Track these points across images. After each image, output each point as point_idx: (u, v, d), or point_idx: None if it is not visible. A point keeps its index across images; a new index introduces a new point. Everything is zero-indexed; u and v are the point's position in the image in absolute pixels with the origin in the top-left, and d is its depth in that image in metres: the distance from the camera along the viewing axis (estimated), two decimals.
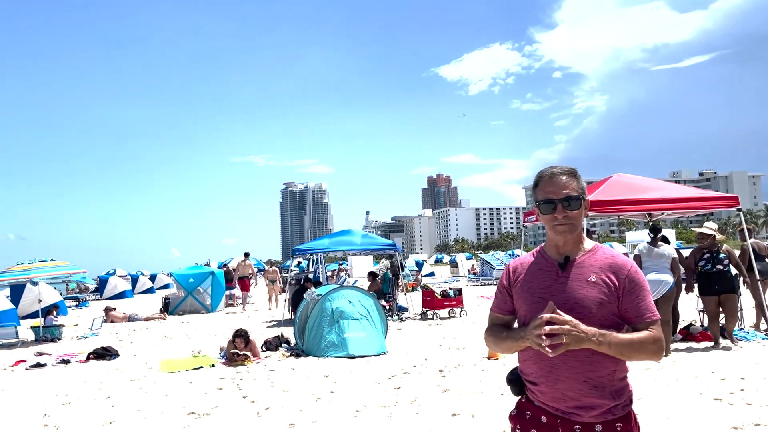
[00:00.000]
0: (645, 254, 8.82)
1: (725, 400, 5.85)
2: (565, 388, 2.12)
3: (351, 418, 5.93)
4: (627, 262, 2.19)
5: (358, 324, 9.96)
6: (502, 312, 2.35)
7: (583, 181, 2.28)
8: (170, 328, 15.36)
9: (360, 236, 16.41)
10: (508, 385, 2.34)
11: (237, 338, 9.51)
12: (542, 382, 2.17)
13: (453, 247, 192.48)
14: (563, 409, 2.14)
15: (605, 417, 2.11)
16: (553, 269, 2.22)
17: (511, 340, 2.20)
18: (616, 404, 2.12)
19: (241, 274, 20.99)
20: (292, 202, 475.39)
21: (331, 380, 7.81)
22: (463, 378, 7.54)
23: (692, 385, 6.54)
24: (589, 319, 2.07)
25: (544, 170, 2.28)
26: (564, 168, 2.26)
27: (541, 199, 2.23)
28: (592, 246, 2.26)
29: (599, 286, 2.13)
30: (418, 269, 36.76)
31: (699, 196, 10.45)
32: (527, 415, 2.25)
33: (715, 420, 5.25)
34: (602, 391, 2.11)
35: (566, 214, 2.18)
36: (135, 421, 6.22)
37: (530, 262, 2.31)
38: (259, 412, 6.35)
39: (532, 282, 2.24)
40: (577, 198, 2.20)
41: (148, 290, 35.97)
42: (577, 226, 2.22)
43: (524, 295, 2.24)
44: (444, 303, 14.90)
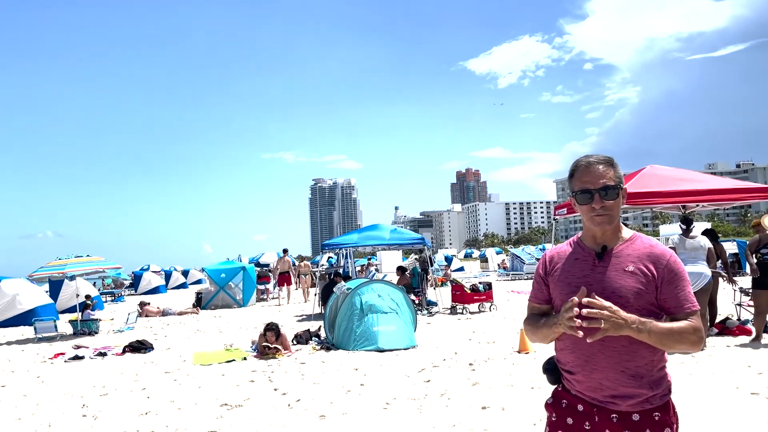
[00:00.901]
0: (679, 246, 8.65)
1: (762, 395, 5.73)
2: (601, 377, 2.11)
3: (381, 411, 5.96)
4: (666, 251, 2.16)
5: (388, 318, 10.00)
6: (539, 302, 2.35)
7: (620, 170, 2.24)
8: (203, 323, 15.62)
9: (389, 231, 16.44)
10: (544, 374, 2.34)
11: (268, 332, 9.63)
12: (579, 371, 2.17)
13: (482, 241, 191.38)
14: (600, 398, 2.13)
15: (643, 406, 2.09)
16: (590, 259, 2.20)
17: (546, 328, 2.19)
18: (654, 394, 2.11)
19: (282, 270, 21.49)
20: (321, 198, 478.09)
21: (361, 373, 7.86)
22: (493, 371, 7.51)
23: (728, 380, 6.41)
24: (627, 309, 2.05)
25: (580, 159, 2.26)
26: (601, 157, 2.23)
27: (577, 189, 2.21)
28: (631, 235, 2.23)
29: (637, 276, 2.10)
30: (448, 264, 36.65)
31: (734, 187, 10.19)
32: (563, 403, 2.25)
33: (751, 414, 5.14)
34: (640, 380, 2.09)
35: (604, 204, 2.16)
36: (169, 411, 6.35)
37: (567, 252, 2.30)
38: (290, 404, 6.43)
39: (569, 271, 2.23)
40: (615, 187, 2.17)
41: (181, 285, 36.60)
42: (615, 216, 2.19)
43: (561, 285, 2.23)
44: (474, 297, 14.85)
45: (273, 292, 23.95)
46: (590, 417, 2.15)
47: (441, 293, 17.49)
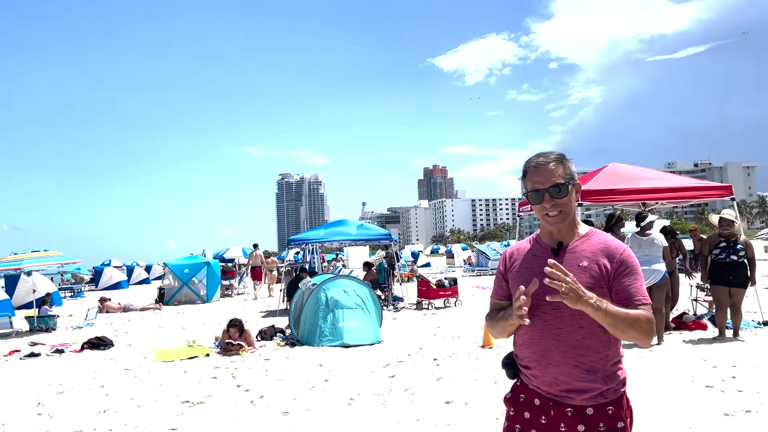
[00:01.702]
0: (634, 243, 8.83)
1: (717, 388, 5.89)
2: (557, 372, 2.14)
3: (345, 406, 5.95)
4: (620, 246, 2.19)
5: (353, 313, 9.98)
6: (499, 298, 2.38)
7: (572, 166, 2.25)
8: (165, 318, 15.37)
9: (355, 226, 16.40)
10: (503, 369, 2.36)
11: (232, 328, 9.52)
12: (535, 366, 2.19)
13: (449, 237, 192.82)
14: (555, 392, 2.16)
15: (597, 400, 2.12)
16: (546, 254, 2.22)
17: (503, 321, 2.22)
18: (608, 388, 2.13)
19: (253, 264, 21.44)
20: (288, 193, 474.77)
21: (326, 369, 7.83)
22: (457, 366, 7.57)
23: (684, 373, 6.58)
24: None
25: (530, 159, 2.28)
26: (550, 155, 2.24)
27: (529, 190, 2.23)
28: (587, 231, 2.26)
29: (591, 271, 2.13)
30: (414, 260, 36.79)
31: (692, 185, 10.47)
32: (521, 398, 2.27)
33: (706, 407, 5.28)
34: (594, 375, 2.12)
35: (554, 203, 2.18)
36: (129, 409, 6.22)
37: (526, 248, 2.33)
38: (254, 400, 6.36)
39: (527, 267, 2.25)
40: (565, 185, 2.18)
41: (144, 281, 35.97)
42: (568, 214, 2.21)
43: (518, 281, 2.25)
44: (439, 293, 14.93)
45: (237, 287, 23.72)
46: (546, 411, 2.18)
47: (407, 289, 17.54)
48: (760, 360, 7.00)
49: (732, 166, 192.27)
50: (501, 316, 2.24)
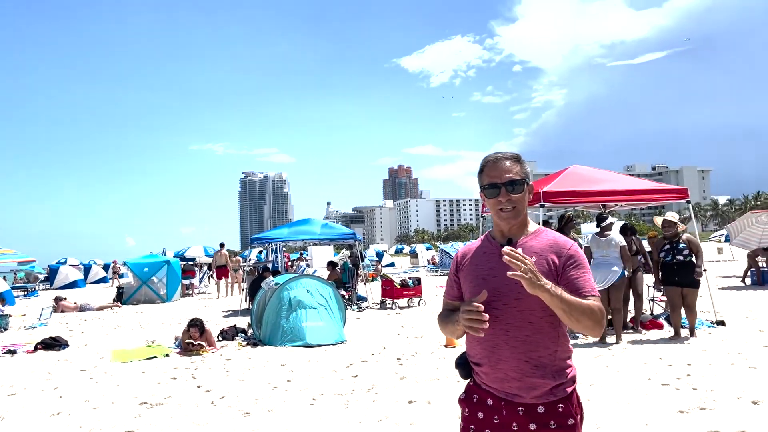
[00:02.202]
0: (593, 244, 8.99)
1: (672, 386, 6.03)
2: (507, 368, 2.15)
3: (307, 407, 5.90)
4: (568, 242, 2.24)
5: (316, 313, 9.91)
6: (451, 298, 2.40)
7: (527, 166, 2.31)
8: (123, 318, 15.03)
9: (320, 226, 16.32)
10: (456, 369, 2.36)
11: (192, 327, 9.36)
12: (485, 362, 2.21)
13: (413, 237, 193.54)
14: (506, 390, 2.17)
15: (547, 398, 2.14)
16: (497, 251, 2.23)
17: (451, 324, 2.24)
18: (557, 384, 2.15)
19: (218, 263, 21.36)
20: (251, 192, 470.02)
21: (288, 369, 7.76)
22: (420, 366, 7.58)
23: (641, 371, 6.72)
24: (528, 298, 2.10)
25: (488, 156, 2.32)
26: (508, 153, 2.30)
27: (485, 184, 2.26)
28: (536, 229, 2.30)
29: (540, 267, 2.14)
30: (379, 259, 36.85)
31: (650, 188, 10.70)
32: (475, 398, 2.28)
33: (662, 404, 5.40)
34: (543, 370, 2.14)
35: (509, 198, 2.22)
36: (83, 411, 6.05)
37: (477, 247, 2.36)
38: (214, 401, 6.26)
39: (477, 264, 2.28)
40: (521, 182, 2.23)
41: (101, 280, 35.13)
42: (521, 210, 2.25)
43: (468, 278, 2.29)
44: (403, 292, 14.96)
45: (198, 287, 23.37)
46: (498, 411, 2.20)
47: (371, 288, 17.53)
48: (713, 359, 7.19)
49: (687, 169, 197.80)
50: (451, 320, 2.26)
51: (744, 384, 5.93)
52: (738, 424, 4.76)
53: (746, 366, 6.71)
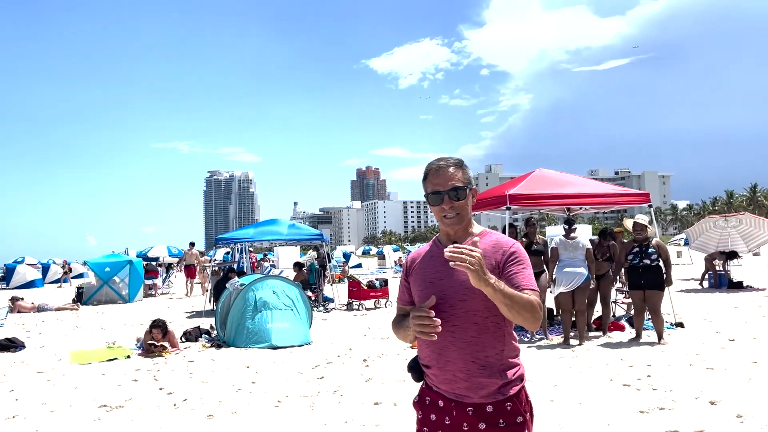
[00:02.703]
0: (561, 247, 9.10)
1: (633, 386, 6.14)
2: (454, 369, 2.18)
3: (272, 409, 5.84)
4: (510, 241, 2.28)
5: (282, 314, 9.83)
6: (404, 303, 2.42)
7: (469, 172, 2.34)
8: (83, 319, 14.67)
9: (286, 226, 16.20)
10: (408, 372, 2.38)
11: (154, 329, 9.18)
12: (434, 365, 2.24)
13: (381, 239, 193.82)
14: (455, 391, 2.20)
15: (495, 397, 2.16)
16: (443, 254, 2.24)
17: (404, 329, 2.27)
18: (504, 383, 2.18)
19: (187, 263, 21.40)
20: (216, 191, 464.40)
21: (253, 371, 7.67)
22: (386, 367, 7.57)
23: (603, 372, 6.83)
24: (473, 299, 2.15)
25: (431, 163, 2.33)
26: (450, 160, 2.31)
27: (429, 191, 2.29)
28: (480, 231, 2.34)
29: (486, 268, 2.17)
30: (346, 261, 36.73)
31: (614, 192, 10.92)
32: (427, 400, 2.31)
33: (623, 404, 5.50)
34: (490, 370, 2.17)
35: (453, 205, 2.24)
36: (41, 414, 5.88)
37: (425, 251, 2.39)
38: (176, 403, 6.15)
39: (425, 269, 2.32)
40: (464, 188, 2.26)
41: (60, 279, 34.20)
42: (465, 216, 2.29)
43: (417, 282, 2.32)
44: (370, 294, 14.95)
45: (162, 287, 22.98)
46: (449, 412, 2.23)
47: (338, 289, 17.48)
48: (672, 359, 7.36)
49: (649, 174, 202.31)
50: (403, 325, 2.29)
51: (702, 384, 6.08)
52: (696, 423, 4.88)
53: (704, 367, 6.88)
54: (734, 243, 18.72)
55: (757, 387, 5.91)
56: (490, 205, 10.54)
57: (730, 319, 10.66)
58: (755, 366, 6.81)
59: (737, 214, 19.08)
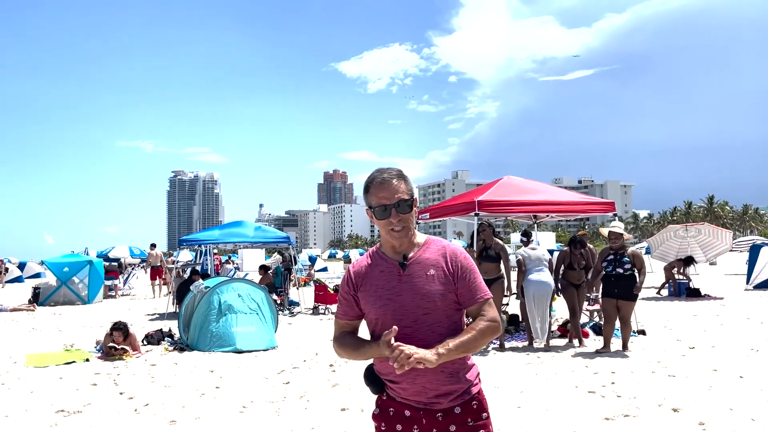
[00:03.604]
0: (526, 258, 9.16)
1: (598, 393, 6.21)
2: (424, 381, 2.20)
3: (237, 414, 5.73)
4: (457, 249, 2.31)
5: (247, 318, 9.68)
6: (349, 318, 2.37)
7: (411, 183, 2.34)
8: (40, 320, 14.23)
9: (253, 228, 16.00)
10: (367, 385, 2.35)
11: (115, 331, 8.94)
12: (403, 379, 2.22)
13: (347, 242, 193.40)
14: (425, 400, 2.23)
15: (462, 398, 2.24)
16: (395, 269, 2.27)
17: (358, 350, 2.26)
18: (468, 386, 2.26)
19: (153, 264, 21.37)
20: (180, 191, 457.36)
21: (217, 375, 7.53)
22: (353, 372, 7.51)
23: (569, 379, 6.90)
24: (435, 312, 2.20)
25: (374, 174, 2.30)
26: (393, 171, 2.29)
27: (375, 205, 2.25)
28: (425, 240, 2.34)
29: (439, 278, 2.23)
30: (312, 264, 36.49)
31: (580, 200, 11.08)
32: (391, 411, 2.30)
33: (589, 411, 5.55)
34: (456, 376, 2.24)
35: (400, 218, 2.23)
36: None
37: (370, 265, 2.34)
38: (137, 408, 5.98)
39: (378, 284, 2.28)
40: (409, 201, 2.25)
41: (16, 279, 33.22)
42: (411, 228, 2.28)
43: (372, 299, 2.27)
44: (336, 297, 14.83)
45: (122, 288, 22.46)
46: (418, 421, 2.25)
47: (304, 293, 17.34)
48: (635, 367, 7.48)
49: (611, 184, 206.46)
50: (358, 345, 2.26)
51: (664, 392, 6.18)
52: (660, 430, 4.95)
53: (666, 374, 7.01)
54: (694, 252, 19.19)
55: (718, 394, 6.03)
56: (458, 212, 10.58)
57: (689, 327, 10.90)
58: (715, 374, 6.97)
59: (697, 224, 19.60)
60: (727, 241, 19.36)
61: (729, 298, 16.17)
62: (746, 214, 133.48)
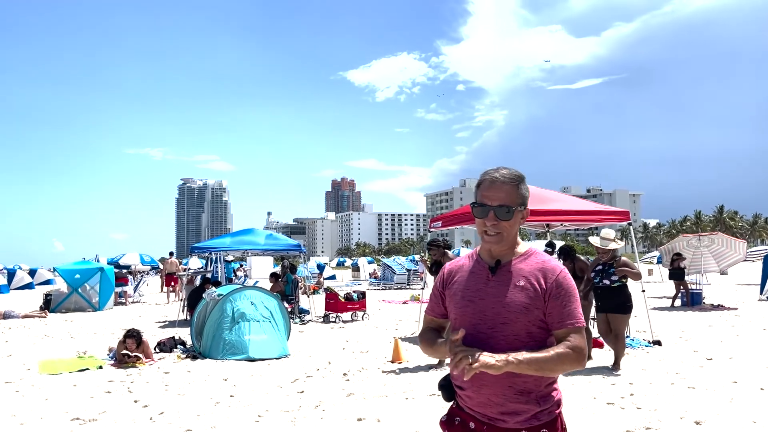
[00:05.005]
0: None
1: (617, 404, 6.13)
2: (490, 393, 2.09)
3: (253, 423, 5.68)
4: (557, 266, 2.15)
5: (260, 326, 9.65)
6: (435, 315, 2.33)
7: (526, 190, 2.18)
8: (52, 327, 14.26)
9: (264, 236, 15.99)
10: (440, 391, 2.29)
11: (128, 338, 8.93)
12: (468, 387, 2.13)
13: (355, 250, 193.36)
14: (489, 414, 2.11)
15: (531, 423, 2.08)
16: (484, 272, 2.18)
17: (435, 347, 2.24)
18: (541, 410, 2.09)
19: (168, 271, 21.84)
20: (189, 199, 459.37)
21: (231, 384, 7.49)
22: (367, 382, 7.46)
23: (587, 390, 6.81)
24: (515, 323, 2.06)
25: (489, 172, 2.18)
26: (507, 175, 2.15)
27: (476, 202, 2.16)
28: (526, 250, 2.21)
29: (527, 291, 2.09)
30: (320, 272, 36.48)
31: (594, 209, 11.00)
32: (456, 420, 2.22)
33: (609, 424, 5.47)
34: (527, 396, 2.07)
35: (496, 223, 2.11)
36: (10, 427, 5.64)
37: (465, 266, 2.28)
38: (153, 417, 5.95)
39: (464, 285, 2.21)
40: (513, 208, 2.10)
41: (27, 286, 33.33)
42: (507, 238, 2.15)
43: (455, 299, 2.21)
44: (347, 306, 14.81)
45: (133, 295, 22.51)
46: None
47: (314, 301, 17.29)
48: (654, 378, 7.38)
49: (620, 193, 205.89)
50: (435, 343, 2.23)
51: (685, 404, 6.09)
52: None
53: (685, 386, 6.91)
54: (706, 262, 19.03)
55: (740, 407, 5.94)
56: (467, 221, 10.54)
57: (705, 338, 10.77)
58: (736, 386, 6.86)
59: (710, 234, 19.42)
60: (740, 251, 19.18)
61: (743, 308, 16.00)
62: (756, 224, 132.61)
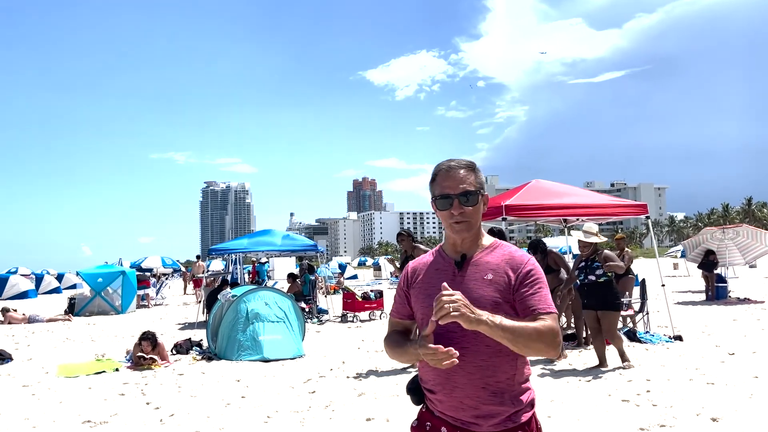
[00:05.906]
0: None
1: (632, 401, 5.99)
2: (462, 395, 1.99)
3: (261, 424, 5.67)
4: (525, 256, 2.07)
5: (274, 327, 9.65)
6: (401, 316, 2.22)
7: (482, 176, 2.15)
8: (74, 330, 14.46)
9: (281, 237, 16.04)
10: (408, 394, 2.19)
11: (144, 341, 9.00)
12: (439, 390, 2.03)
13: (377, 250, 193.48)
14: (462, 418, 2.00)
15: (505, 425, 1.98)
16: (450, 268, 2.09)
17: (401, 351, 2.07)
18: (516, 410, 2.00)
19: (196, 274, 23.07)
20: (213, 202, 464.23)
21: (243, 385, 7.50)
22: (379, 382, 7.41)
23: (601, 387, 6.68)
24: None
25: (441, 163, 2.14)
26: (462, 161, 2.12)
27: (437, 194, 2.09)
28: (491, 242, 2.13)
29: (496, 285, 2.00)
30: (341, 272, 36.55)
31: (611, 203, 10.79)
32: (427, 426, 2.11)
33: (623, 421, 5.34)
34: (501, 397, 1.98)
35: (463, 210, 2.05)
36: (22, 430, 5.70)
37: (429, 262, 2.19)
38: (163, 419, 5.97)
39: (429, 282, 2.11)
40: (475, 193, 2.06)
41: (54, 290, 33.92)
42: (475, 224, 2.09)
43: (421, 297, 2.11)
44: (364, 305, 14.78)
45: (155, 298, 22.77)
46: None
47: (333, 301, 17.30)
48: (672, 374, 7.21)
49: (645, 186, 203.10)
50: (406, 350, 2.03)
51: (703, 400, 5.93)
52: None
53: (704, 382, 6.73)
54: (731, 255, 18.62)
55: (760, 403, 5.76)
56: (485, 216, 10.40)
57: (729, 332, 10.51)
58: (756, 381, 6.67)
59: (735, 226, 18.99)
60: (767, 242, 18.73)
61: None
62: None
